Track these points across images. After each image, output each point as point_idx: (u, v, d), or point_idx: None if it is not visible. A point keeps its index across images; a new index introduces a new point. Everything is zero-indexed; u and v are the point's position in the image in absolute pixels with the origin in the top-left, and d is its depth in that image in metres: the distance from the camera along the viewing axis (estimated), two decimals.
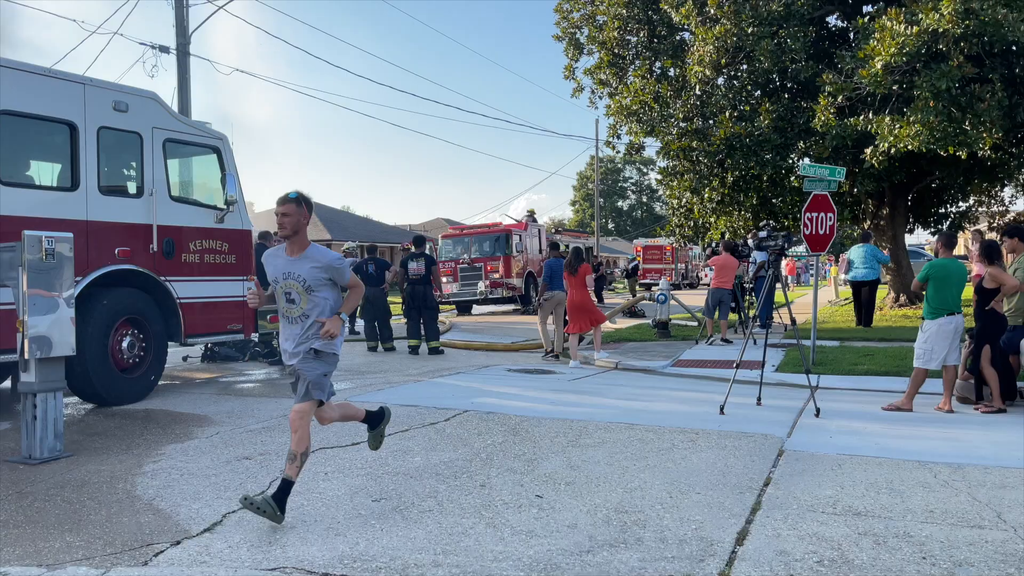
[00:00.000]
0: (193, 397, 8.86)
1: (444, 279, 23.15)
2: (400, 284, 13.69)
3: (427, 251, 14.26)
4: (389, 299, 14.38)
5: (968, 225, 22.21)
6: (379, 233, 44.72)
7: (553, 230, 36.74)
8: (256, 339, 11.42)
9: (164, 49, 17.23)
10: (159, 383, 9.05)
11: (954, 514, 4.50)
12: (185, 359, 12.28)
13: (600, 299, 25.67)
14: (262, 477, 5.32)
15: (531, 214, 27.42)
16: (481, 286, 23.52)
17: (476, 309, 25.21)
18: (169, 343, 9.04)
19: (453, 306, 24.69)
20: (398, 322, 14.68)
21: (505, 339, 15.46)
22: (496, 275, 23.60)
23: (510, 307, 24.60)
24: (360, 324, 14.70)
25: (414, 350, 13.25)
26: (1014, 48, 12.30)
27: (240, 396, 9.04)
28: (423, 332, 13.34)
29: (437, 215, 66.68)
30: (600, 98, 20.47)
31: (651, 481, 5.21)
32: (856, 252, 16.29)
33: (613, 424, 7.05)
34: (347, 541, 4.13)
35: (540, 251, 24.84)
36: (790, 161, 16.57)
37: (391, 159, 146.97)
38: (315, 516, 4.54)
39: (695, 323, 16.54)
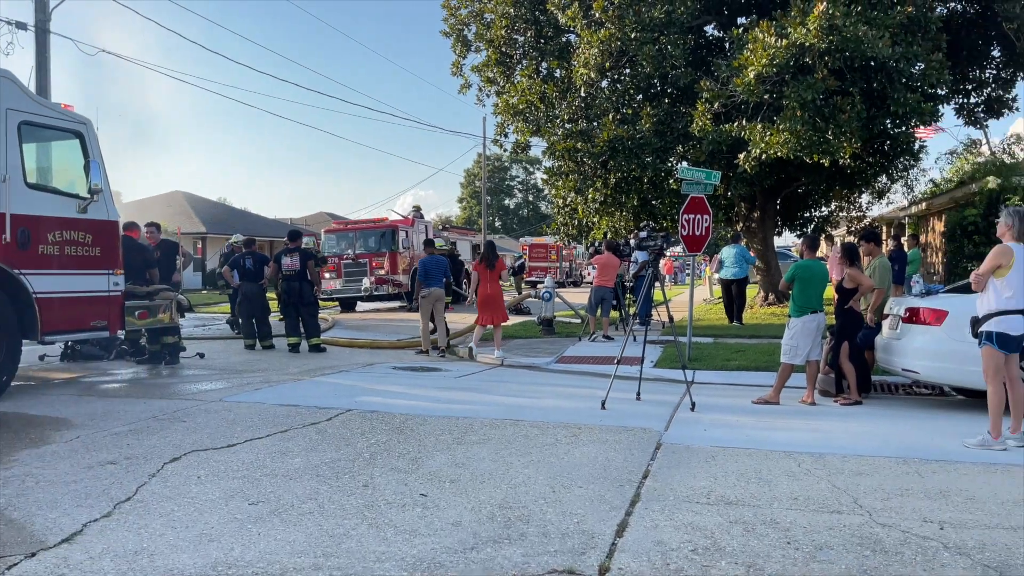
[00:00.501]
0: (51, 399, 8.26)
1: (327, 275, 22.61)
2: (275, 280, 13.27)
3: (304, 245, 13.89)
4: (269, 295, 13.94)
5: (830, 228, 23.72)
6: (259, 227, 43.17)
7: (440, 227, 36.63)
8: (122, 336, 10.79)
9: (21, 25, 16.02)
10: (12, 384, 8.39)
11: (816, 501, 4.77)
12: (42, 358, 11.44)
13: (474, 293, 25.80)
14: (128, 483, 5.02)
15: (417, 210, 27.21)
16: (366, 282, 23.11)
17: (361, 306, 24.79)
18: (25, 341, 8.40)
19: (336, 303, 24.19)
20: (281, 319, 14.24)
21: (391, 336, 15.27)
22: (381, 271, 23.26)
23: (396, 304, 24.32)
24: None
25: (294, 348, 12.87)
26: (872, 64, 13.19)
27: (104, 397, 8.51)
28: (303, 329, 12.98)
29: (320, 209, 65.24)
30: (488, 96, 20.59)
31: (535, 476, 5.26)
32: (727, 252, 17.11)
33: (498, 421, 7.09)
34: (221, 547, 3.95)
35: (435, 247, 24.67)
36: (669, 164, 17.20)
37: (271, 150, 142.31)
38: (186, 522, 4.32)
39: (579, 320, 16.87)
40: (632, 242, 14.82)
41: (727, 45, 16.24)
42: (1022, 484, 5.20)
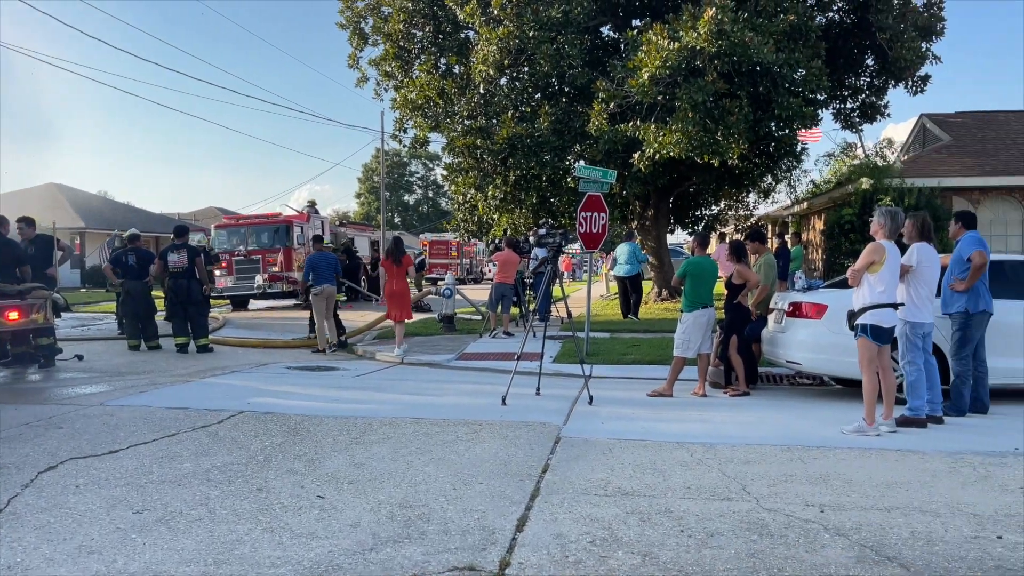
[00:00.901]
0: None
1: (217, 272, 21.80)
2: (161, 278, 12.68)
3: (192, 242, 13.37)
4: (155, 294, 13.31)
5: (719, 226, 24.65)
6: (144, 222, 41.05)
7: (337, 222, 35.89)
8: None
9: None
10: None
11: (708, 489, 4.94)
12: None
13: (378, 292, 25.52)
14: None
15: (312, 205, 26.59)
16: (259, 280, 22.42)
17: (254, 304, 24.04)
18: None
19: (227, 301, 23.36)
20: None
21: (286, 335, 14.86)
22: (275, 268, 22.61)
23: (291, 302, 23.69)
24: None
25: (182, 348, 12.36)
26: (758, 68, 13.78)
27: None
28: (191, 329, 12.48)
29: (210, 204, 62.61)
30: (386, 90, 20.36)
31: (436, 474, 5.23)
32: (621, 250, 17.56)
33: (398, 419, 7.01)
34: (102, 559, 3.73)
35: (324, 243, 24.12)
36: (567, 162, 17.45)
37: (157, 142, 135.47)
38: (64, 534, 4.06)
39: (479, 317, 16.89)
40: (532, 239, 14.95)
41: (622, 46, 16.62)
42: (894, 467, 5.55)
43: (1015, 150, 19.00)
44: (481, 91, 16.97)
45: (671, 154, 14.12)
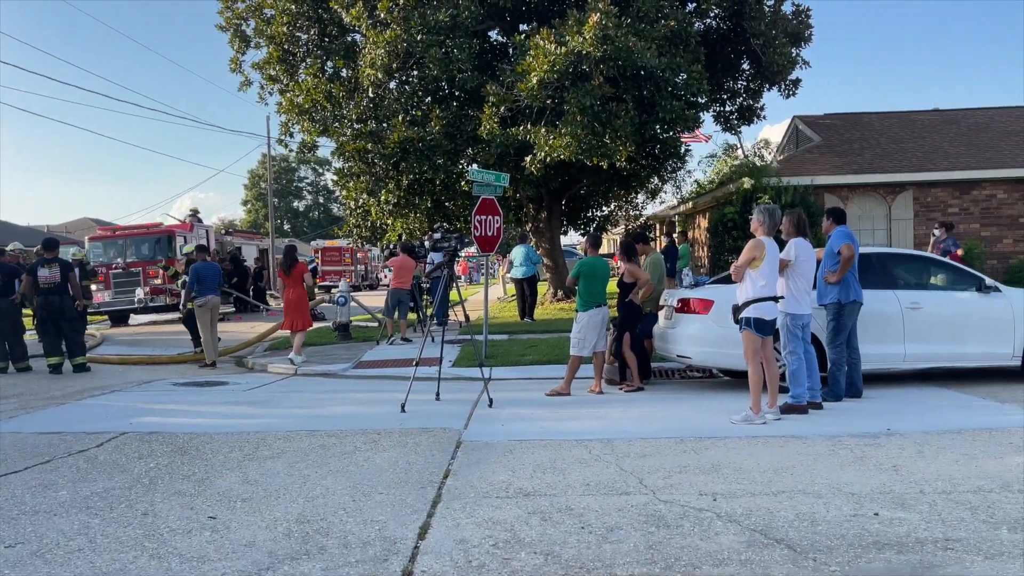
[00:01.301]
0: None
1: (94, 287, 20.62)
2: (30, 294, 11.86)
3: (73, 256, 12.60)
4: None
5: (610, 227, 25.23)
6: (9, 235, 38.41)
7: (223, 231, 34.67)
8: None
9: None
10: None
11: (606, 485, 5.03)
12: None
13: (266, 302, 24.88)
14: None
15: (194, 213, 25.59)
16: (140, 293, 21.39)
17: (135, 319, 22.89)
18: None
19: (105, 316, 22.15)
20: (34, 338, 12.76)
21: (171, 350, 14.21)
22: (157, 281, 21.62)
23: (175, 315, 22.68)
24: None
25: (56, 369, 11.61)
26: (642, 73, 14.18)
27: None
28: (65, 348, 11.75)
29: (84, 215, 59.17)
30: (271, 94, 19.73)
31: (334, 487, 5.11)
32: (517, 252, 17.72)
33: (293, 433, 6.82)
34: None
35: (210, 253, 23.25)
36: (460, 166, 17.45)
37: (21, 150, 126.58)
38: None
39: (376, 324, 16.66)
40: (427, 243, 14.87)
41: (511, 51, 16.74)
42: (780, 452, 5.81)
43: (879, 149, 20.30)
44: (370, 95, 16.71)
45: (561, 157, 14.34)
